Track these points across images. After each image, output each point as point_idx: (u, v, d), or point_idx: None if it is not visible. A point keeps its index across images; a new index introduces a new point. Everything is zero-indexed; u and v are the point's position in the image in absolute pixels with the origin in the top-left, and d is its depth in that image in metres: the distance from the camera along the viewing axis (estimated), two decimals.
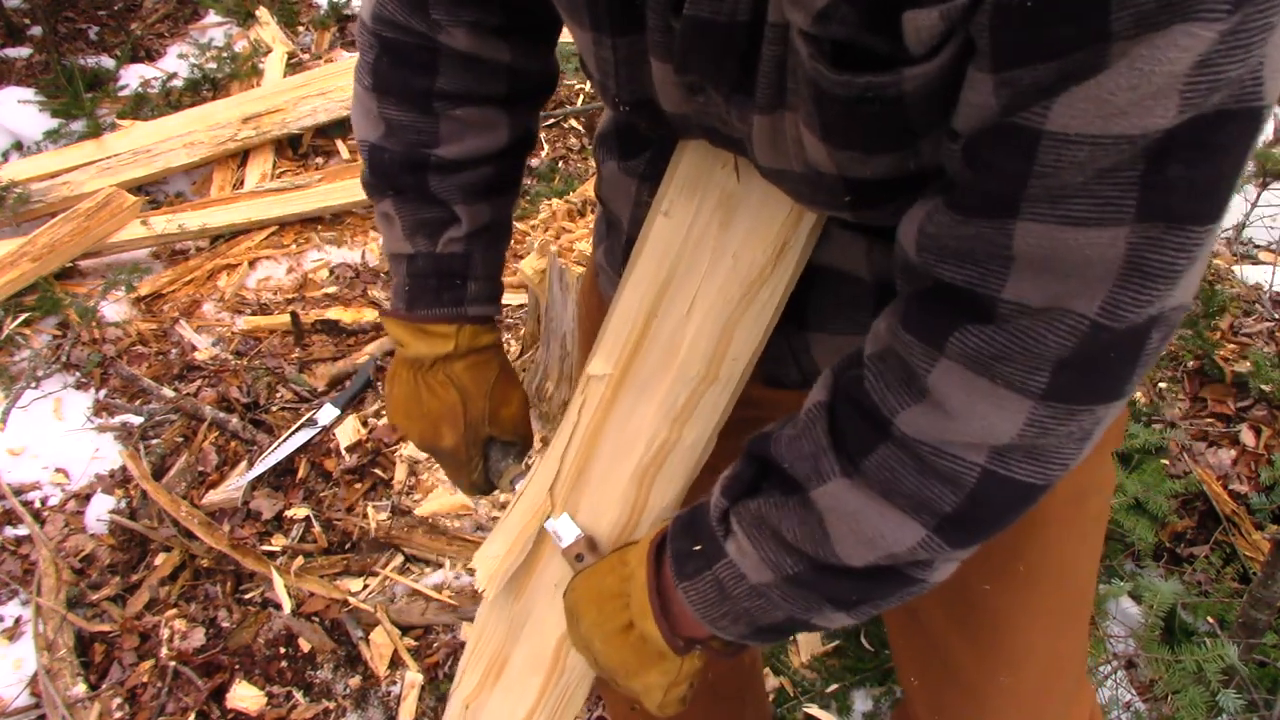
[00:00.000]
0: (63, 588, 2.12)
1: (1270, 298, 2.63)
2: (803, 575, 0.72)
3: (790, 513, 0.72)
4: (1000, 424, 0.61)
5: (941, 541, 0.67)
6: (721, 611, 0.77)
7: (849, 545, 0.69)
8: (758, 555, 0.74)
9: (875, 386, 0.66)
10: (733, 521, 0.76)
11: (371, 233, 3.17)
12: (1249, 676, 1.67)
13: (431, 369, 1.00)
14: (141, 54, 4.05)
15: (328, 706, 1.93)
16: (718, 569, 0.76)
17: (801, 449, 0.71)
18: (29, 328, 2.80)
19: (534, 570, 1.00)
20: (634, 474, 0.93)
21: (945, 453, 0.63)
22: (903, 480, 0.65)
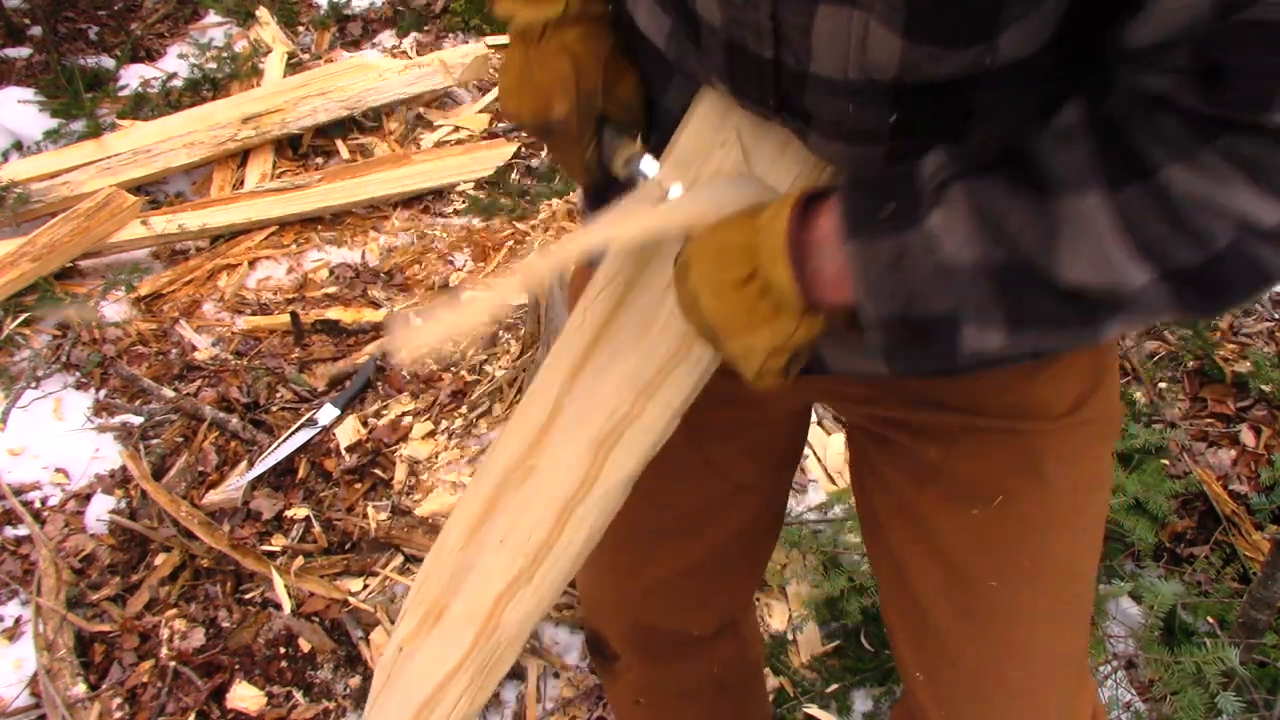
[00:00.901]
0: (63, 588, 2.12)
1: (1270, 298, 2.63)
2: (1004, 268, 0.68)
3: (1023, 205, 0.67)
4: (1262, 213, 0.61)
5: (1166, 291, 0.66)
6: (885, 281, 0.71)
7: (1076, 259, 0.66)
8: (967, 234, 0.68)
9: (1143, 131, 0.64)
10: (954, 189, 0.69)
11: (371, 232, 3.17)
12: (1249, 677, 1.67)
13: (543, 40, 0.94)
14: (141, 54, 4.05)
15: (328, 706, 1.93)
16: (908, 234, 0.70)
17: (1067, 154, 0.66)
18: (29, 328, 2.80)
19: (485, 520, 0.95)
20: (592, 441, 0.90)
21: (1203, 213, 0.62)
22: (1150, 224, 0.64)
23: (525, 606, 0.91)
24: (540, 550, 0.91)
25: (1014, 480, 0.95)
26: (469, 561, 0.94)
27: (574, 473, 0.91)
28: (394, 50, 4.03)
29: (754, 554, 1.26)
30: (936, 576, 1.02)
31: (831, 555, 2.01)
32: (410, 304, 2.86)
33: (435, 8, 4.24)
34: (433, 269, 2.99)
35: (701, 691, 1.36)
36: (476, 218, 3.19)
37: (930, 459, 0.97)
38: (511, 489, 0.94)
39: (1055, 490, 0.95)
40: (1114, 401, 0.98)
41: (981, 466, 0.95)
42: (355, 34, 4.18)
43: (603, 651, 1.34)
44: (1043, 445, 0.94)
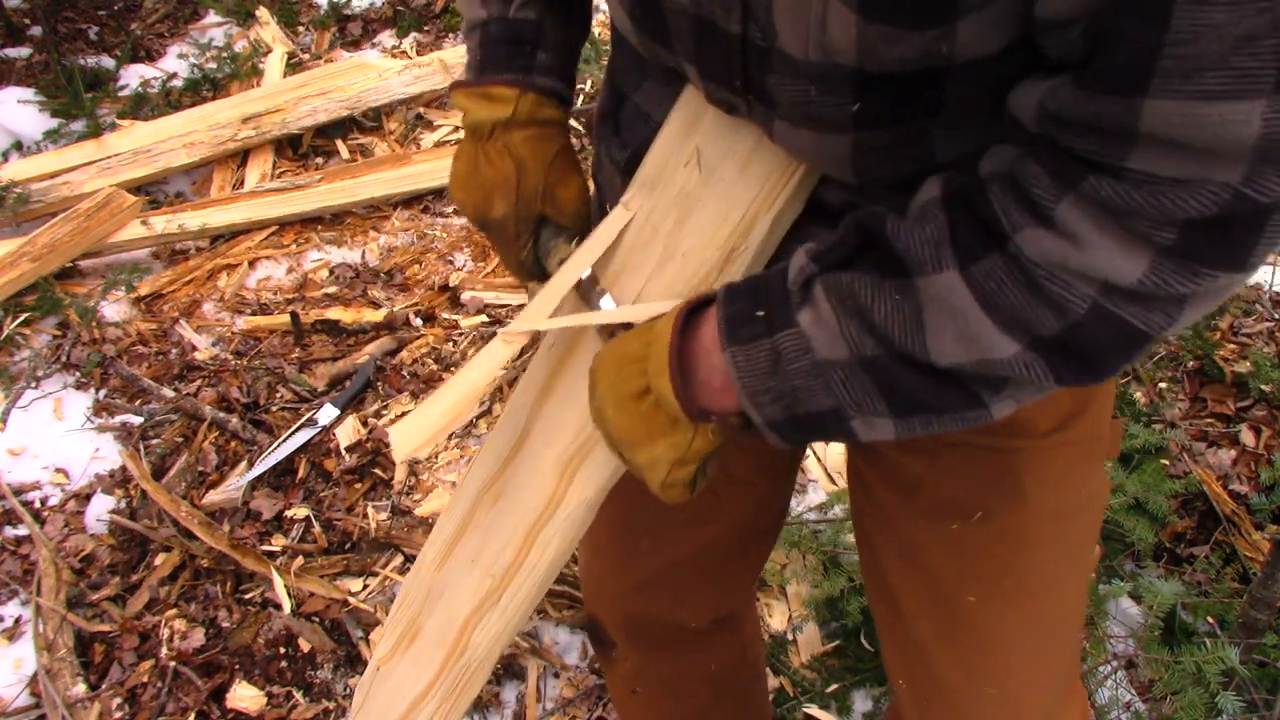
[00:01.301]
0: (63, 588, 2.12)
1: (1270, 298, 2.63)
2: (878, 361, 0.69)
3: (885, 296, 0.68)
4: (1123, 267, 0.60)
5: (1035, 360, 0.65)
6: (767, 385, 0.73)
7: (944, 340, 0.66)
8: (836, 330, 0.70)
9: (998, 199, 0.64)
10: (817, 290, 0.71)
11: (371, 232, 3.17)
12: (1249, 677, 1.67)
13: (491, 138, 0.97)
14: (141, 54, 4.05)
15: (328, 706, 1.93)
16: (780, 338, 0.72)
17: (920, 234, 0.67)
18: (29, 328, 2.80)
19: (458, 541, 0.97)
20: (557, 461, 0.92)
21: (1059, 278, 0.62)
22: (1008, 294, 0.63)
23: (493, 629, 0.92)
24: (508, 571, 0.92)
25: (994, 498, 0.94)
26: (444, 582, 0.95)
27: (540, 493, 0.92)
28: (394, 50, 4.03)
29: (750, 551, 1.26)
30: (919, 591, 1.02)
31: (831, 555, 2.01)
32: (410, 304, 2.86)
33: (435, 8, 4.24)
34: (433, 269, 2.99)
35: (697, 687, 1.37)
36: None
37: (914, 472, 0.97)
38: (483, 509, 0.95)
39: (1036, 510, 0.94)
40: (1103, 421, 0.97)
41: (962, 482, 0.95)
42: (355, 34, 4.18)
43: (600, 638, 1.35)
44: (1024, 464, 0.93)
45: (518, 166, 0.97)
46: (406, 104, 3.66)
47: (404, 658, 0.97)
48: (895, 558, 1.05)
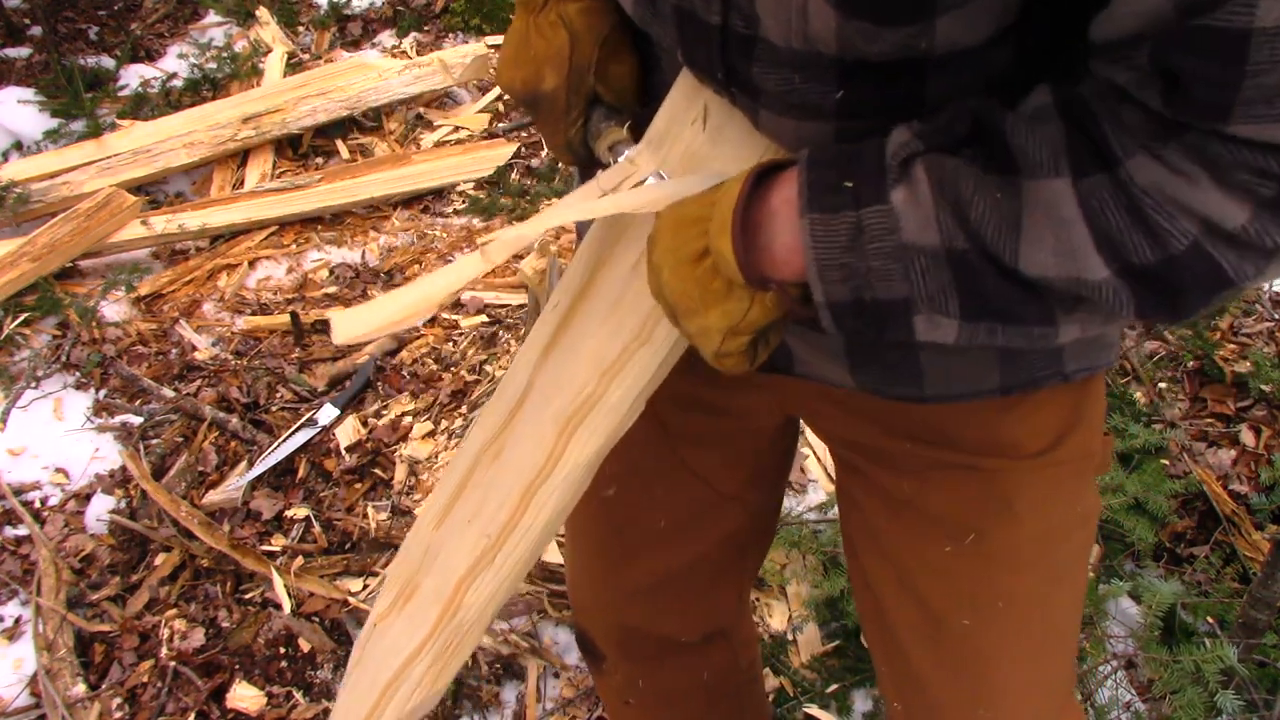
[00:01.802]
0: (63, 588, 2.12)
1: (1270, 298, 2.63)
2: (965, 255, 0.65)
3: (989, 190, 0.64)
4: (1229, 210, 0.59)
5: (1123, 287, 0.63)
6: (841, 260, 0.69)
7: (1039, 249, 0.63)
8: (931, 214, 0.65)
9: (1109, 122, 0.61)
10: (917, 169, 0.67)
11: (371, 232, 3.17)
12: (1248, 677, 1.67)
13: (544, 9, 0.93)
14: (141, 54, 4.05)
15: (328, 706, 1.93)
16: (867, 213, 0.67)
17: (1039, 134, 0.64)
18: (29, 328, 2.80)
19: (457, 500, 0.96)
20: (556, 420, 0.89)
21: (1164, 210, 0.60)
22: (1110, 216, 0.61)
23: (487, 589, 0.91)
24: (503, 531, 0.90)
25: (985, 519, 0.93)
26: (441, 540, 0.94)
27: (538, 453, 0.90)
28: (394, 50, 4.03)
29: (739, 565, 1.25)
30: (909, 612, 1.01)
31: (831, 555, 2.01)
32: None
33: (435, 8, 4.24)
34: (433, 269, 2.99)
35: (692, 696, 1.35)
36: (476, 218, 3.19)
37: (902, 491, 0.96)
38: (482, 468, 0.93)
39: (1028, 531, 0.93)
40: (1094, 439, 0.95)
41: (952, 503, 0.94)
42: (355, 34, 4.18)
43: (591, 650, 1.33)
44: (1014, 484, 0.92)
45: (571, 38, 0.92)
46: (406, 104, 3.66)
47: (400, 615, 0.95)
48: (886, 579, 1.03)
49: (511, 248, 0.83)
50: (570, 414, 0.89)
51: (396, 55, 3.97)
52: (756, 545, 1.25)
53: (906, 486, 0.95)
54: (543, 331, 0.94)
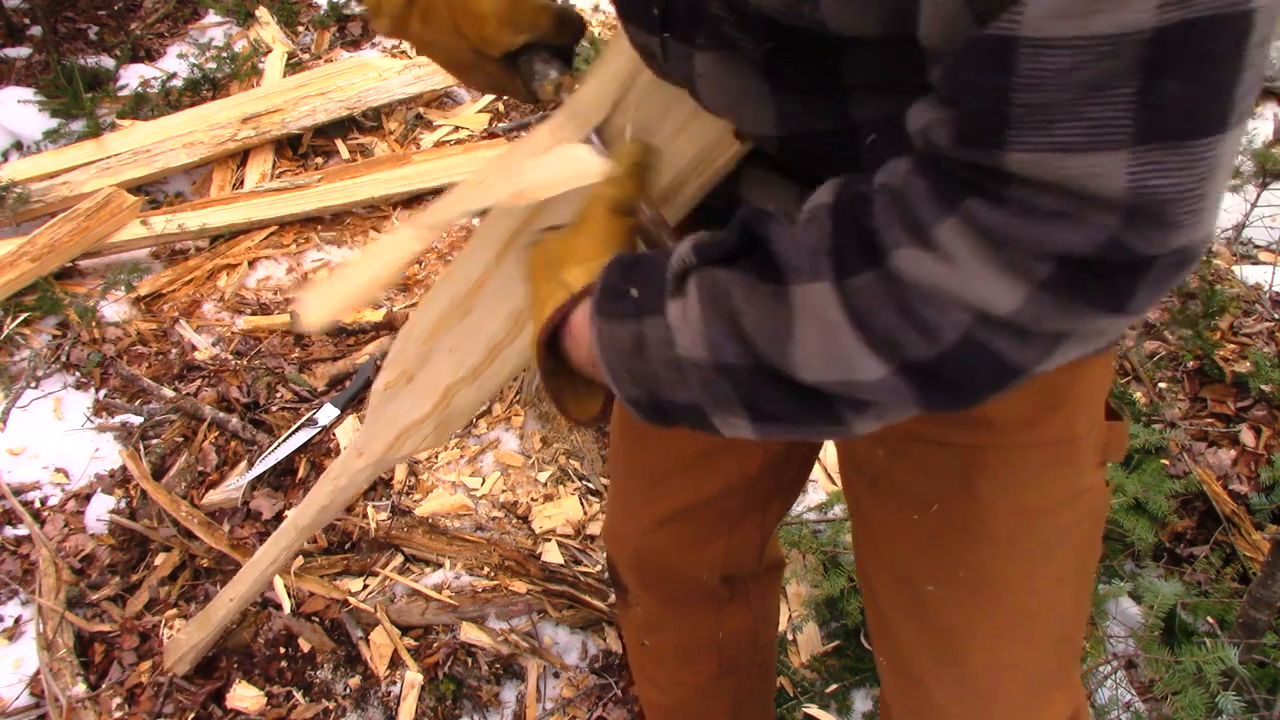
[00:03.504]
0: (63, 588, 2.12)
1: (1270, 298, 2.63)
2: (739, 368, 0.67)
3: (759, 300, 0.65)
4: (999, 296, 0.57)
5: (903, 387, 0.63)
6: (627, 366, 0.72)
7: (810, 355, 0.64)
8: (701, 331, 0.67)
9: (882, 214, 0.61)
10: (691, 283, 0.69)
11: (371, 232, 3.17)
12: (1248, 677, 1.67)
13: (410, 40, 0.96)
14: (141, 54, 4.05)
15: (328, 706, 1.93)
16: (646, 324, 0.70)
17: (801, 239, 0.64)
18: (29, 328, 2.80)
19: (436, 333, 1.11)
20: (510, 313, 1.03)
21: (933, 302, 0.59)
22: (880, 314, 0.61)
23: (469, 397, 1.12)
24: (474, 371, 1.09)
25: (948, 493, 0.94)
26: (428, 354, 1.13)
27: (497, 329, 1.06)
28: (394, 50, 4.03)
29: (759, 512, 1.26)
30: (885, 575, 1.05)
31: (831, 555, 2.02)
32: (410, 304, 2.86)
33: None
34: (433, 269, 2.99)
35: (704, 654, 1.38)
36: (477, 218, 3.19)
37: (877, 460, 0.98)
38: (454, 318, 1.09)
39: (990, 508, 0.93)
40: (1083, 421, 0.93)
41: (918, 475, 0.95)
42: (355, 34, 4.18)
43: (616, 581, 1.39)
44: (979, 462, 0.92)
45: (442, 51, 0.95)
46: (406, 104, 3.66)
47: (403, 391, 1.15)
48: (865, 543, 1.08)
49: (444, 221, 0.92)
50: (522, 310, 1.02)
51: (396, 55, 3.97)
52: (775, 494, 1.27)
53: (881, 454, 0.97)
54: (497, 233, 1.04)
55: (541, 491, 2.29)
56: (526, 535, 2.20)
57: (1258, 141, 3.07)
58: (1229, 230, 2.90)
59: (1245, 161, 2.86)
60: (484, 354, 1.08)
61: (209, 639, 1.90)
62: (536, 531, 2.21)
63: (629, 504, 1.29)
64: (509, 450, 2.38)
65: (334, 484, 1.38)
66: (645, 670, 1.49)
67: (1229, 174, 0.55)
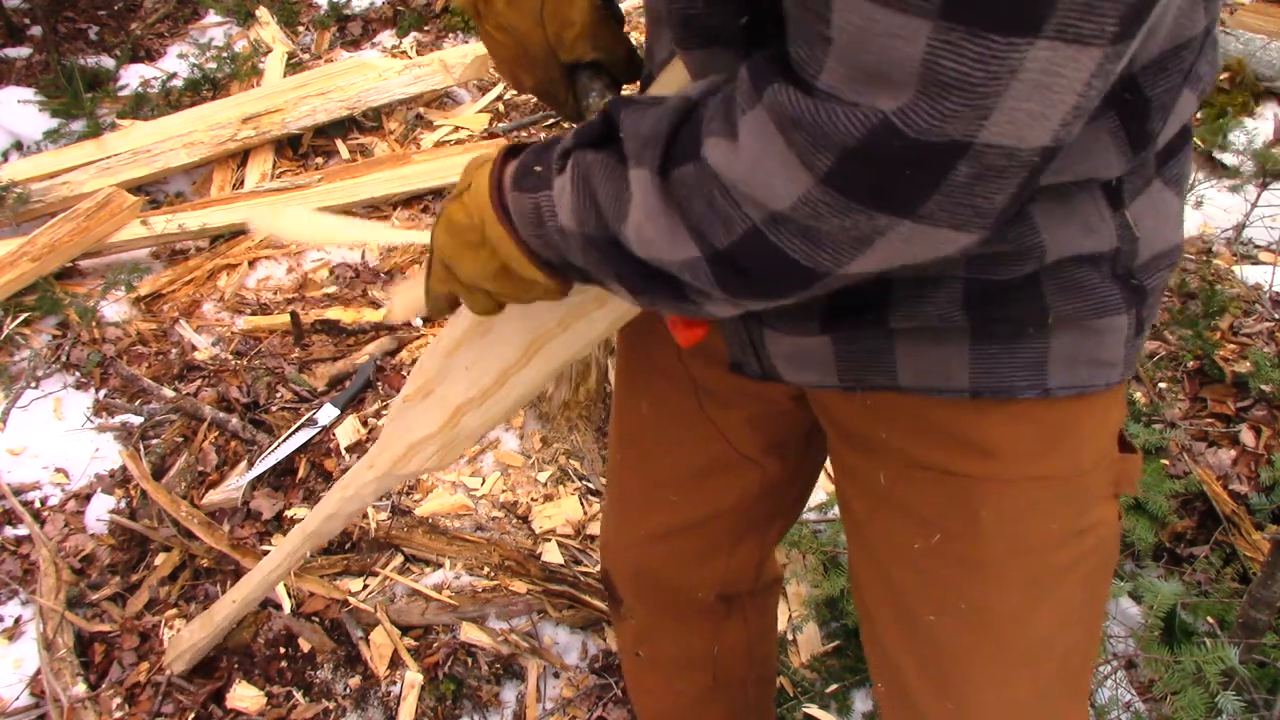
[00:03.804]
0: (63, 588, 2.12)
1: (1270, 298, 2.63)
2: (596, 239, 0.73)
3: (611, 180, 0.71)
4: (780, 188, 0.59)
5: (710, 274, 0.67)
6: (536, 233, 0.79)
7: (635, 233, 0.70)
8: (572, 202, 0.74)
9: (711, 107, 0.65)
10: (571, 159, 0.75)
11: None
12: (1249, 677, 1.67)
13: (482, 19, 0.98)
14: (141, 54, 4.05)
15: (328, 706, 1.93)
16: (540, 196, 0.78)
17: (641, 126, 0.69)
18: (29, 328, 2.80)
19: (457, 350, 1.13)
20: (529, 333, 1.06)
21: (730, 196, 0.62)
22: (693, 203, 0.65)
23: (476, 420, 1.15)
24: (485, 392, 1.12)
25: (951, 522, 0.93)
26: (448, 369, 1.15)
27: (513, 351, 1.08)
28: (394, 50, 4.03)
29: (758, 533, 1.26)
30: (884, 600, 1.03)
31: (831, 555, 2.02)
32: None
33: (435, 8, 4.24)
34: None
35: (699, 666, 1.37)
36: None
37: (880, 484, 0.96)
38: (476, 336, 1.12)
39: (992, 541, 0.92)
40: (1088, 456, 0.91)
41: (922, 500, 0.94)
42: (355, 34, 4.19)
43: (611, 593, 1.37)
44: (983, 494, 0.90)
45: (516, 36, 0.96)
46: (406, 104, 3.66)
47: (419, 405, 1.18)
48: (864, 569, 1.05)
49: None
50: (539, 336, 1.06)
51: (396, 55, 3.97)
52: (776, 515, 1.26)
53: (884, 479, 0.96)
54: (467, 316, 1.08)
55: (541, 491, 2.29)
56: (526, 535, 2.20)
57: (1258, 141, 3.07)
58: (1229, 230, 2.91)
59: (1245, 162, 2.86)
60: (495, 376, 1.10)
61: (209, 639, 1.90)
62: (536, 531, 2.21)
63: (626, 517, 1.28)
64: (509, 450, 2.38)
65: (342, 494, 1.38)
66: (639, 679, 1.48)
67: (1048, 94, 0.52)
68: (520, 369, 1.08)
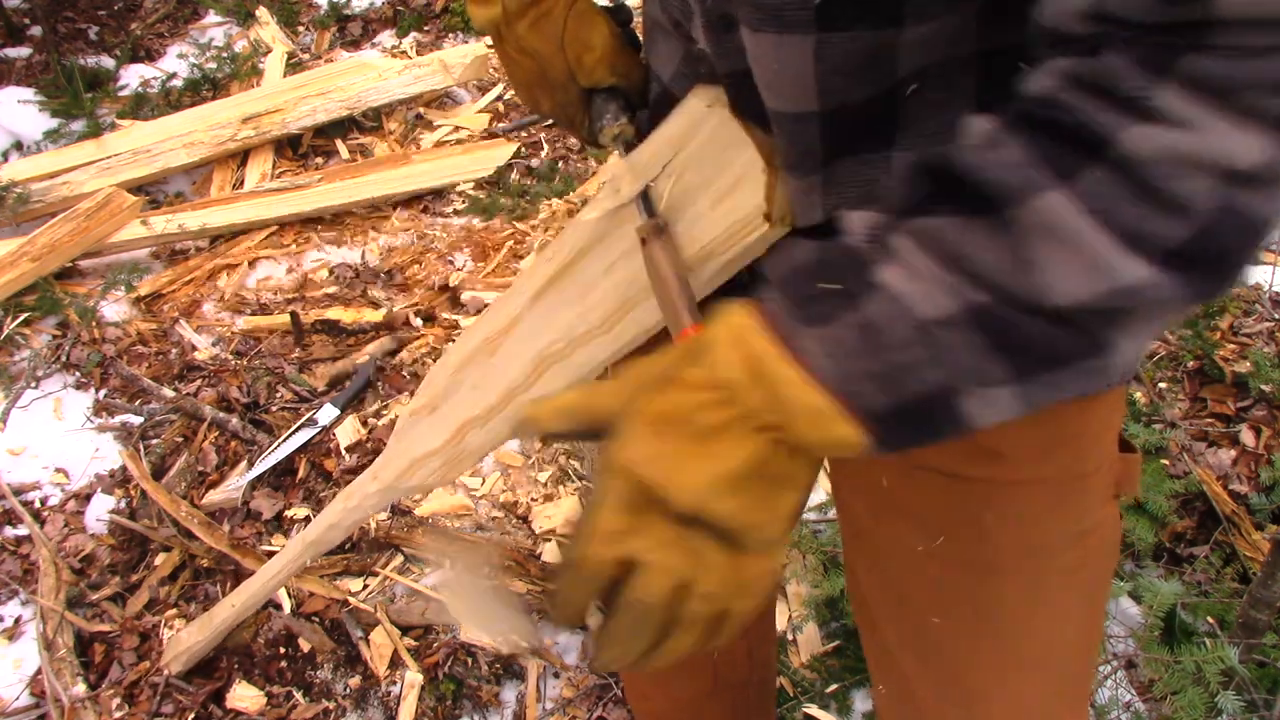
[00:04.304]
0: (63, 588, 2.12)
1: (1270, 297, 2.63)
2: (990, 309, 0.57)
3: (978, 234, 0.57)
4: (1242, 146, 0.53)
5: (1168, 282, 0.55)
6: (863, 366, 0.58)
7: (1062, 272, 0.55)
8: (937, 276, 0.57)
9: (1082, 106, 0.55)
10: (898, 242, 0.59)
11: (371, 232, 3.17)
12: (1249, 677, 1.67)
13: (503, 40, 0.97)
14: (141, 54, 4.05)
15: (328, 706, 1.93)
16: (868, 305, 0.58)
17: (1002, 158, 0.57)
18: (29, 328, 2.80)
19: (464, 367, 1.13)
20: (535, 355, 1.04)
21: (1178, 173, 0.53)
22: (1122, 206, 0.54)
23: (479, 439, 1.13)
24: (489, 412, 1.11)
25: (955, 526, 0.92)
26: (454, 385, 1.15)
27: (517, 372, 1.07)
28: (394, 50, 4.04)
29: None
30: (888, 602, 1.02)
31: (831, 555, 2.01)
32: (410, 304, 2.86)
33: (435, 8, 4.24)
34: (432, 269, 2.99)
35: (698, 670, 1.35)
36: (476, 218, 3.19)
37: (883, 487, 0.95)
38: (484, 355, 1.12)
39: (997, 543, 0.91)
40: (1092, 456, 0.90)
41: (925, 503, 0.93)
42: (355, 34, 4.19)
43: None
44: (988, 497, 0.89)
45: (536, 60, 0.96)
46: (406, 104, 3.66)
47: (425, 420, 1.17)
48: (865, 570, 1.04)
49: None
50: (545, 356, 1.04)
51: (396, 55, 3.97)
52: None
53: (885, 481, 0.94)
54: (537, 276, 1.05)
55: (541, 491, 2.29)
56: (526, 535, 2.20)
57: None
58: None
59: None
60: (500, 396, 1.08)
61: (207, 642, 1.90)
62: (536, 531, 2.21)
63: None
64: (509, 450, 2.38)
65: (345, 504, 1.38)
66: (637, 685, 1.46)
67: None
68: (525, 390, 1.06)
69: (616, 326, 0.97)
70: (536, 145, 3.52)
